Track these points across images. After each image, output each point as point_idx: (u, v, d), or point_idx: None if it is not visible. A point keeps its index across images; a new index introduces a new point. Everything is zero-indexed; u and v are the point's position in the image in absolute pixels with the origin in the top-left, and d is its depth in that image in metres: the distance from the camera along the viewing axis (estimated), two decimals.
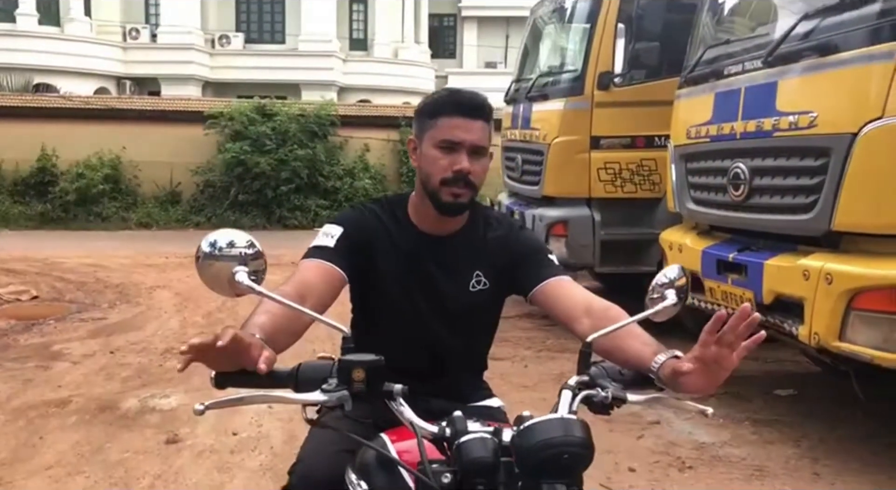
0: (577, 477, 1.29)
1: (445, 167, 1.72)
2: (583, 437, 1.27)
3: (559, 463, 1.24)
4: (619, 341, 1.60)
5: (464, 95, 1.77)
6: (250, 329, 1.42)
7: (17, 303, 7.90)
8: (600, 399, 1.44)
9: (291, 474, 1.69)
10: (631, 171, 6.24)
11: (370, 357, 1.34)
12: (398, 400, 1.37)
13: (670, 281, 1.60)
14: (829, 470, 3.83)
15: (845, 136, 3.42)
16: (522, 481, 1.25)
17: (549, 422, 1.27)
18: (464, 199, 1.75)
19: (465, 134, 1.72)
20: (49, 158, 14.28)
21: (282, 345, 1.47)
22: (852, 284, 3.39)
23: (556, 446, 1.24)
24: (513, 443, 1.26)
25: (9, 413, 4.51)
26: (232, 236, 1.41)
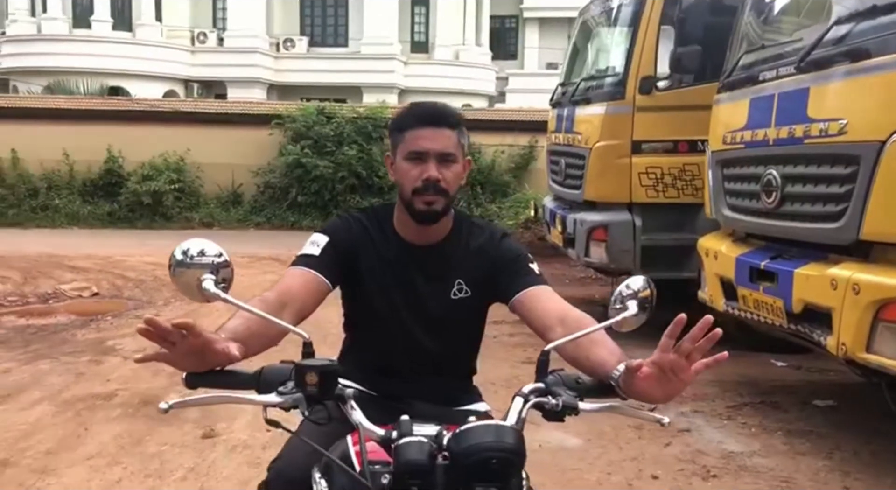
0: (508, 481, 1.33)
1: (415, 177, 1.79)
2: (513, 444, 1.31)
3: (489, 467, 1.28)
4: (585, 350, 1.65)
5: (426, 107, 1.86)
6: (222, 332, 1.50)
7: (79, 299, 8.26)
8: (551, 406, 1.48)
9: (269, 470, 1.78)
10: (673, 176, 6.18)
11: (324, 362, 1.41)
12: (349, 403, 1.44)
13: (634, 292, 1.64)
14: (860, 484, 3.76)
15: (874, 143, 3.36)
16: (457, 484, 1.30)
17: (481, 427, 1.32)
18: (437, 206, 1.81)
19: (430, 143, 1.79)
20: (116, 160, 14.80)
21: (256, 348, 1.56)
22: (879, 295, 3.33)
23: (485, 451, 1.29)
24: (448, 446, 1.31)
25: (59, 404, 4.74)
26: (203, 246, 1.50)
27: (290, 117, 14.91)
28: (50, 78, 22.33)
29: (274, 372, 1.45)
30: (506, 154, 15.71)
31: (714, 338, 1.41)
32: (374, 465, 1.36)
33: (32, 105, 16.57)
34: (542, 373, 1.54)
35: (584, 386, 1.55)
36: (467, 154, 1.90)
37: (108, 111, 15.76)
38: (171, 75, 27.00)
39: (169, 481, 3.68)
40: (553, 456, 4.08)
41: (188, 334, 1.35)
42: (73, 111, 15.55)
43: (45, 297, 8.27)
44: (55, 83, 21.29)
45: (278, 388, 1.41)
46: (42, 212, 14.68)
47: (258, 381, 1.45)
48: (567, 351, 1.68)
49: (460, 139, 1.85)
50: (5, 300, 7.99)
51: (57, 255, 10.71)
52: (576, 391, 1.52)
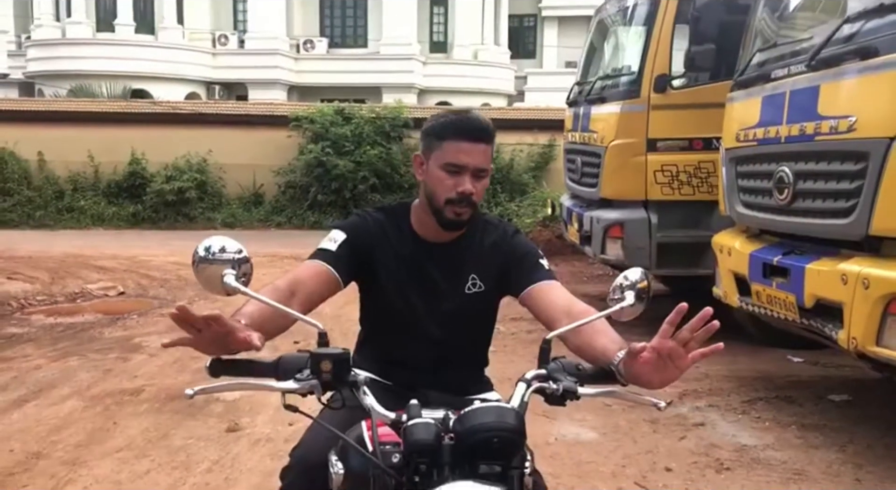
0: (510, 459, 1.42)
1: (450, 188, 1.87)
2: (514, 424, 1.41)
3: (491, 445, 1.37)
4: (588, 338, 1.73)
5: (470, 120, 1.91)
6: (238, 317, 1.60)
7: (105, 298, 8.43)
8: (552, 391, 1.57)
9: (291, 456, 1.88)
10: (688, 173, 6.23)
11: (337, 351, 1.51)
12: (362, 388, 1.54)
13: (631, 283, 1.72)
14: (872, 477, 3.80)
15: (883, 140, 3.41)
16: (462, 462, 1.38)
17: (484, 409, 1.41)
18: (465, 217, 1.91)
19: (469, 158, 1.87)
20: (139, 162, 15.03)
21: (270, 333, 1.66)
22: (889, 289, 3.38)
23: (488, 430, 1.38)
24: (454, 427, 1.41)
25: (88, 400, 4.88)
26: (224, 243, 1.60)
27: (309, 118, 15.07)
28: (74, 81, 22.65)
29: (291, 360, 1.55)
30: (525, 153, 15.76)
31: (711, 329, 1.49)
32: (384, 446, 1.46)
33: (58, 108, 16.85)
34: (544, 360, 1.63)
35: (584, 372, 1.63)
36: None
37: (132, 113, 16.02)
38: (193, 77, 27.27)
39: (195, 473, 3.80)
40: (569, 449, 4.16)
41: (214, 324, 1.44)
42: (98, 114, 15.82)
43: (73, 296, 8.45)
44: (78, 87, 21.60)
45: (295, 375, 1.52)
46: (68, 213, 14.95)
47: (277, 370, 1.54)
48: (571, 340, 1.77)
49: (492, 153, 1.93)
50: (34, 299, 8.18)
51: (83, 256, 10.92)
52: (576, 377, 1.60)
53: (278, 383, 1.52)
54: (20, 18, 29.37)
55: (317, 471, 1.66)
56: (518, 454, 1.44)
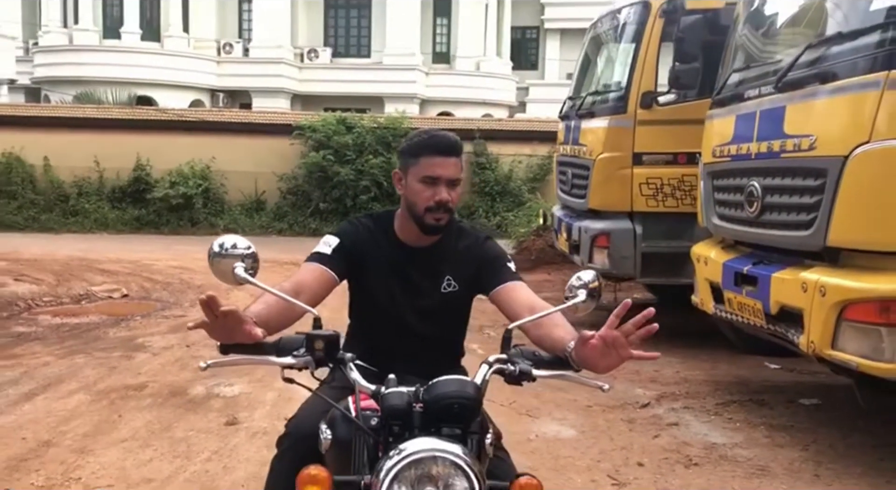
0: (469, 423, 1.67)
1: (429, 198, 2.14)
2: (472, 394, 1.67)
3: (452, 411, 1.63)
4: (547, 330, 2.00)
5: (440, 137, 2.18)
6: (249, 314, 1.86)
7: (110, 300, 8.70)
8: (510, 372, 1.83)
9: (286, 426, 2.14)
10: (672, 186, 6.49)
11: (328, 332, 1.78)
12: (349, 365, 1.80)
13: (584, 283, 1.99)
14: (830, 473, 4.05)
15: (838, 158, 3.67)
16: (429, 425, 1.64)
17: (447, 380, 1.68)
18: (443, 222, 2.18)
19: (443, 170, 2.14)
20: (144, 167, 15.32)
21: (274, 329, 1.92)
22: (842, 296, 3.63)
23: (449, 398, 1.64)
24: (422, 396, 1.67)
25: (94, 394, 5.13)
26: (235, 240, 1.88)
27: (311, 127, 15.36)
28: (80, 87, 22.97)
29: (289, 341, 1.83)
30: (523, 164, 16.05)
31: (651, 330, 1.75)
32: (365, 412, 1.72)
33: (64, 114, 17.15)
34: (506, 346, 1.89)
35: (539, 357, 1.89)
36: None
37: (137, 120, 16.31)
38: (198, 85, 27.60)
39: (195, 462, 4.05)
40: (548, 445, 4.41)
41: (230, 316, 1.70)
42: (103, 120, 16.12)
43: (78, 298, 8.72)
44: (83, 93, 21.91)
45: (293, 352, 1.79)
46: (73, 217, 15.23)
47: (277, 348, 1.81)
48: (532, 332, 2.04)
49: (463, 165, 2.21)
50: (41, 300, 8.44)
51: (88, 259, 11.19)
52: (532, 361, 1.86)
53: (278, 359, 1.79)
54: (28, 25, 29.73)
55: (308, 439, 1.89)
56: (475, 420, 1.69)
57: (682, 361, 6.25)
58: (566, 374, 1.87)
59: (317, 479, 1.60)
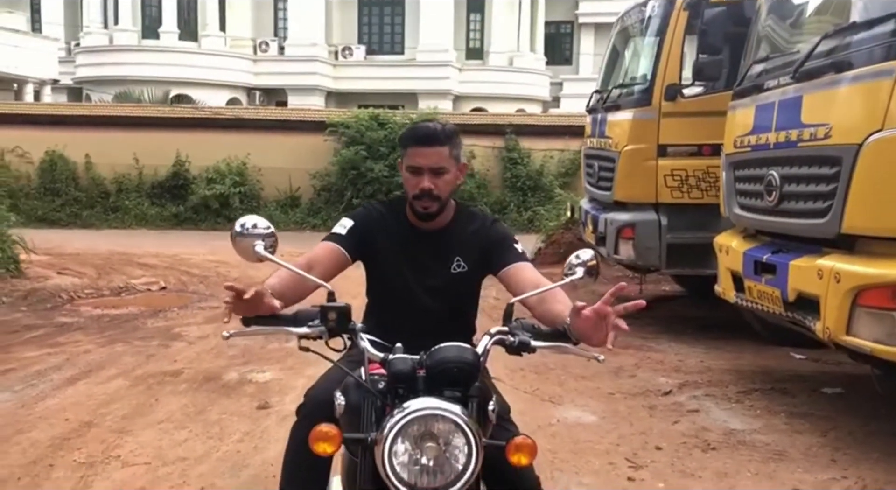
0: (468, 387, 1.79)
1: (414, 186, 2.28)
2: (470, 359, 1.79)
3: (452, 375, 1.76)
4: (548, 306, 2.11)
5: (421, 129, 2.32)
6: (267, 287, 2.01)
7: (148, 292, 8.97)
8: (510, 343, 1.94)
9: (305, 396, 2.29)
10: (697, 177, 6.53)
11: (341, 304, 1.92)
12: (360, 334, 1.94)
13: (582, 261, 2.10)
14: (847, 458, 4.09)
15: (852, 146, 3.72)
16: (431, 388, 1.77)
17: (448, 346, 1.80)
18: (431, 210, 2.31)
19: (424, 160, 2.27)
20: (182, 164, 15.66)
21: (289, 301, 2.06)
22: (857, 282, 3.69)
23: (449, 363, 1.77)
24: (425, 362, 1.79)
25: (133, 380, 5.35)
26: (255, 220, 2.05)
27: (345, 124, 15.56)
28: (120, 87, 23.49)
29: (305, 313, 1.97)
30: (555, 159, 16.10)
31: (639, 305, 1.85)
32: (373, 376, 1.85)
33: (104, 113, 17.59)
34: (507, 320, 2.00)
35: (539, 330, 2.00)
36: (461, 161, 2.36)
37: (175, 118, 16.68)
38: (234, 83, 28.05)
39: (228, 442, 4.22)
40: (568, 430, 4.51)
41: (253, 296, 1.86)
42: (142, 118, 16.52)
43: (118, 290, 9.00)
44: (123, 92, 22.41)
45: (308, 323, 1.92)
46: (113, 213, 15.63)
47: (294, 320, 1.95)
48: (535, 309, 2.16)
49: (452, 152, 2.31)
50: (82, 292, 8.73)
51: (127, 254, 11.51)
52: (531, 333, 1.97)
53: (294, 329, 1.93)
54: (70, 26, 30.46)
55: (325, 406, 2.02)
56: (475, 385, 1.80)
57: (706, 351, 6.30)
58: (564, 345, 1.97)
59: (328, 435, 1.74)
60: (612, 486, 3.74)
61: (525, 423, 4.33)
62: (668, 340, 6.74)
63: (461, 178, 2.39)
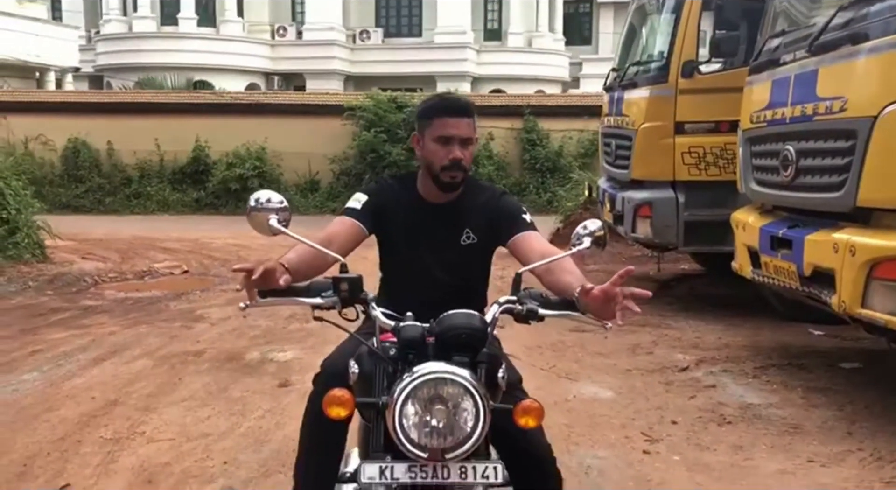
0: (476, 353, 1.83)
1: (443, 156, 2.30)
2: (478, 326, 1.83)
3: (461, 341, 1.80)
4: (557, 276, 2.15)
5: (451, 100, 2.36)
6: (283, 262, 2.06)
7: (171, 276, 9.10)
8: (518, 311, 1.98)
9: (321, 366, 2.35)
10: (715, 155, 6.51)
11: (353, 275, 1.96)
12: (371, 303, 1.98)
13: (590, 232, 2.13)
14: (863, 431, 4.10)
15: (868, 119, 3.71)
16: (440, 354, 1.81)
17: (456, 313, 1.84)
18: (459, 179, 2.34)
19: (456, 130, 2.29)
20: (202, 150, 15.79)
21: (305, 276, 2.10)
22: (872, 255, 3.69)
23: (457, 329, 1.81)
24: (434, 329, 1.84)
25: (157, 359, 5.45)
26: (269, 195, 2.10)
27: (362, 107, 15.59)
28: (140, 74, 23.67)
29: (318, 284, 2.02)
30: (574, 140, 16.05)
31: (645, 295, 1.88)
32: (385, 344, 1.90)
33: (125, 99, 17.75)
34: (515, 289, 2.04)
35: (547, 299, 2.04)
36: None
37: (195, 104, 16.79)
38: (253, 69, 28.16)
39: (250, 419, 4.30)
40: (585, 405, 4.55)
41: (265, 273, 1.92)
42: (163, 105, 16.65)
43: (141, 274, 9.14)
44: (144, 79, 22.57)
45: (321, 294, 1.97)
46: (135, 199, 15.82)
47: (308, 291, 2.00)
48: (545, 278, 2.19)
49: (475, 124, 2.35)
50: (106, 276, 8.88)
51: (150, 238, 11.68)
52: (539, 302, 2.01)
53: (309, 299, 1.98)
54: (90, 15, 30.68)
55: (340, 374, 2.08)
56: (483, 351, 1.85)
57: (724, 328, 6.31)
58: (571, 313, 2.01)
59: (341, 400, 1.79)
60: (627, 458, 3.78)
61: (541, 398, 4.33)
62: (686, 318, 6.75)
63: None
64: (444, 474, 1.76)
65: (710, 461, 3.75)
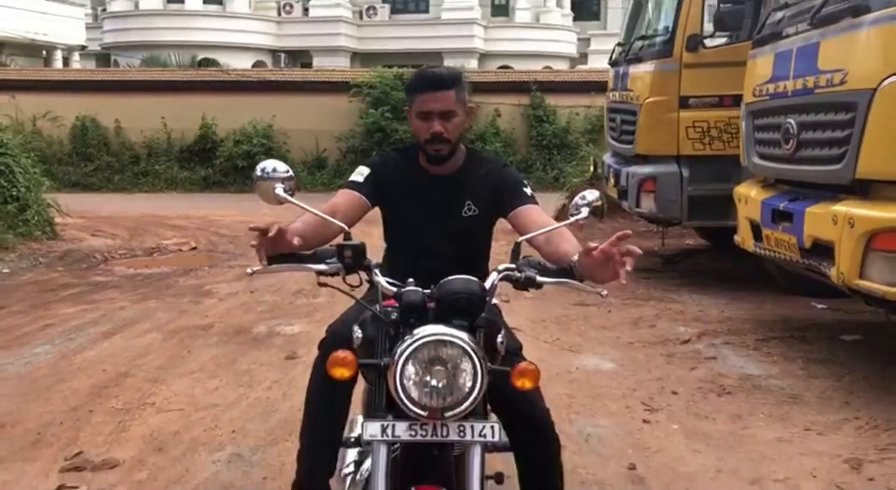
0: (474, 317, 1.89)
1: (425, 131, 2.35)
2: (476, 291, 1.88)
3: (460, 305, 1.86)
4: (556, 246, 2.20)
5: (428, 74, 2.38)
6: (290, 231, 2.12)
7: (179, 252, 9.20)
8: (516, 278, 2.04)
9: (327, 332, 2.41)
10: (719, 129, 6.52)
11: (356, 242, 2.02)
12: (374, 270, 2.04)
13: (588, 202, 2.18)
14: (860, 401, 4.16)
15: (867, 91, 3.73)
16: (440, 318, 1.87)
17: (455, 279, 1.89)
18: (442, 152, 2.38)
19: (434, 104, 2.33)
20: (209, 128, 15.82)
21: (309, 245, 2.15)
22: (870, 226, 3.72)
23: (456, 293, 1.87)
24: (434, 294, 1.89)
25: (166, 333, 5.54)
26: (275, 164, 2.15)
27: (369, 84, 15.58)
28: (146, 52, 23.68)
29: (323, 251, 2.09)
30: (581, 116, 16.01)
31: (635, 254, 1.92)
32: (387, 308, 1.96)
33: (132, 78, 17.77)
34: (514, 257, 2.09)
35: (545, 268, 2.09)
36: (470, 104, 2.43)
37: (201, 82, 16.82)
38: (260, 46, 28.14)
39: (257, 390, 4.39)
40: (587, 376, 4.62)
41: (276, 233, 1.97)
42: (170, 82, 16.67)
43: (150, 251, 9.24)
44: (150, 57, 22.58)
45: (326, 260, 2.03)
46: (143, 177, 15.90)
47: (313, 257, 2.06)
48: (543, 250, 2.24)
49: (458, 95, 2.36)
50: (116, 253, 8.98)
51: (158, 216, 11.77)
52: (538, 270, 2.06)
53: (314, 265, 2.04)
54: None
55: (344, 339, 2.14)
56: (481, 316, 1.90)
57: (727, 302, 6.36)
58: (569, 281, 2.06)
59: (345, 361, 1.85)
60: (627, 427, 3.85)
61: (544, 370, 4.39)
62: (689, 292, 6.80)
63: (469, 122, 2.45)
64: (443, 432, 1.82)
65: (708, 430, 3.81)
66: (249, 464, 3.44)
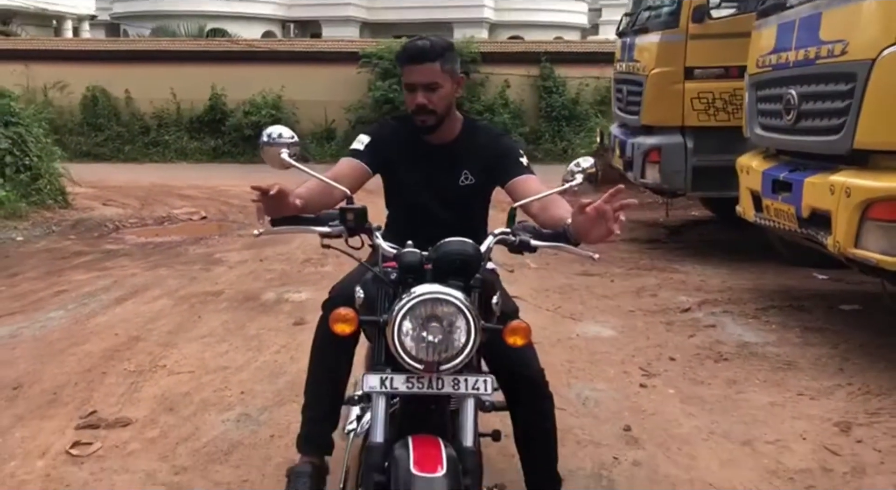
0: (470, 278, 1.97)
1: (411, 102, 2.44)
2: (471, 252, 1.97)
3: (455, 266, 1.95)
4: (551, 213, 2.28)
5: (411, 47, 2.43)
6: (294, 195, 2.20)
7: (189, 221, 9.31)
8: (511, 242, 2.12)
9: (330, 292, 2.51)
10: (724, 100, 6.54)
11: (358, 206, 2.11)
12: (375, 233, 2.13)
13: (582, 169, 2.25)
14: (855, 367, 4.25)
15: (866, 62, 3.77)
16: (437, 278, 1.96)
17: (451, 241, 1.98)
18: (429, 122, 2.46)
19: (417, 76, 2.41)
20: (219, 98, 15.86)
21: (314, 209, 2.24)
22: (866, 196, 3.78)
23: (452, 254, 1.96)
24: (431, 256, 1.98)
25: (177, 299, 5.66)
26: (281, 130, 2.22)
27: (378, 55, 15.55)
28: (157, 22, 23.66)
29: (327, 214, 2.18)
30: (590, 87, 15.94)
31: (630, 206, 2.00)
32: (387, 269, 2.06)
33: (142, 47, 17.79)
34: (510, 222, 2.17)
35: (539, 231, 2.17)
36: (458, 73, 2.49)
37: (211, 52, 16.81)
38: (269, 16, 28.04)
39: (265, 354, 4.51)
40: (587, 343, 4.72)
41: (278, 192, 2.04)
42: (179, 52, 16.67)
43: (161, 220, 9.36)
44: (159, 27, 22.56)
45: (329, 223, 2.12)
46: (153, 148, 15.96)
47: (317, 220, 2.15)
48: (539, 217, 2.31)
49: (444, 66, 2.42)
50: (127, 222, 9.11)
51: (168, 186, 11.87)
52: (532, 234, 2.14)
53: (317, 227, 2.13)
54: None
55: (347, 299, 2.23)
56: (476, 277, 1.99)
57: (729, 272, 6.42)
58: (562, 245, 2.14)
59: (346, 317, 1.96)
60: (624, 391, 3.95)
61: (545, 337, 4.58)
62: (692, 263, 6.87)
63: (459, 91, 2.50)
64: (438, 385, 1.93)
65: (703, 394, 3.91)
66: (257, 423, 3.56)
